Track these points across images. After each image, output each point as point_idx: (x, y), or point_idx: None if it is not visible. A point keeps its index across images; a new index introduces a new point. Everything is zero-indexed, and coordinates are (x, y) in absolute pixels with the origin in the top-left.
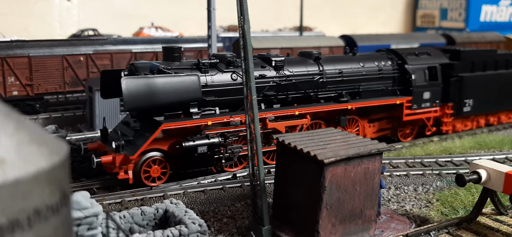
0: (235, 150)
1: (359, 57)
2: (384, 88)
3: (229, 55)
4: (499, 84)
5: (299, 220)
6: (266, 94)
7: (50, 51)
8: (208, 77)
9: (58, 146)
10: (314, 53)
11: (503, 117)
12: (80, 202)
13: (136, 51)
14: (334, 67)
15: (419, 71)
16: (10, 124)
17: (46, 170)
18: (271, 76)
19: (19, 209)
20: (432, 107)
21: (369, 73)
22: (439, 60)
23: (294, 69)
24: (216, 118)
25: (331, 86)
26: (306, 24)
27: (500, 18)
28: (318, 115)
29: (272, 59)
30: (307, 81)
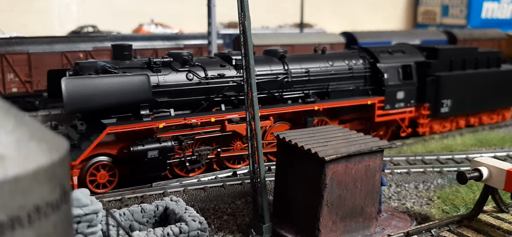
0: (203, 153)
1: (328, 55)
2: (355, 88)
3: (185, 54)
4: (480, 84)
5: (299, 217)
6: (226, 95)
7: (50, 48)
8: (160, 77)
9: (58, 143)
10: (279, 51)
11: (485, 118)
12: (80, 199)
13: (136, 47)
14: (301, 66)
15: (392, 70)
16: (9, 121)
17: (46, 167)
18: (231, 76)
19: (19, 206)
20: (406, 107)
21: (338, 72)
22: (414, 58)
23: (256, 68)
24: (170, 120)
25: (297, 86)
26: (307, 21)
27: (502, 15)
28: (284, 116)
29: (232, 57)
30: (270, 81)
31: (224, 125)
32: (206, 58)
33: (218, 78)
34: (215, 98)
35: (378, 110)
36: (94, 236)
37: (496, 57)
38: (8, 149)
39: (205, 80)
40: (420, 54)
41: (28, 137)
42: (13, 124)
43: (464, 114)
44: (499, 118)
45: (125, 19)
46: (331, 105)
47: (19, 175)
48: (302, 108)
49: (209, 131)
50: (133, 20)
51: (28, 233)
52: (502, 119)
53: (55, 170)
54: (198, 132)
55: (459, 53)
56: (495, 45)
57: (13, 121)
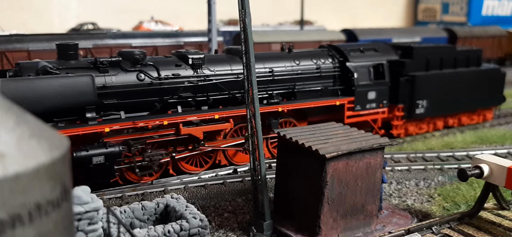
0: (155, 158)
1: (295, 54)
2: (323, 88)
3: (137, 53)
4: (459, 84)
5: (300, 214)
6: (181, 96)
7: (50, 45)
8: (107, 78)
9: (59, 140)
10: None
11: (465, 118)
12: (80, 197)
13: (136, 45)
14: (264, 66)
15: (362, 69)
16: (10, 119)
17: (46, 165)
18: (186, 76)
19: (20, 204)
20: (378, 108)
21: (305, 72)
22: (387, 57)
23: (216, 68)
24: (116, 124)
25: (260, 86)
26: (307, 18)
27: (502, 12)
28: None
29: (188, 56)
30: (231, 81)
31: (178, 128)
32: (160, 58)
33: (173, 78)
34: (170, 99)
35: (348, 111)
36: (95, 233)
37: (476, 56)
38: (9, 147)
39: (158, 80)
40: (394, 53)
41: (29, 134)
42: (14, 122)
43: (442, 115)
44: (480, 119)
45: (125, 16)
46: (297, 106)
47: (20, 173)
48: (265, 110)
49: (163, 135)
50: (133, 18)
51: (29, 231)
52: (483, 120)
53: (56, 168)
54: (149, 136)
55: (436, 52)
56: (495, 43)
57: (14, 118)
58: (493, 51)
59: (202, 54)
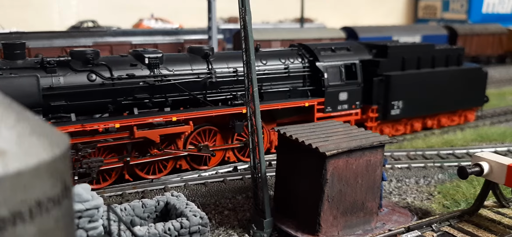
0: (93, 165)
1: (262, 54)
2: (292, 89)
3: (88, 52)
4: (438, 84)
5: (300, 212)
6: (136, 97)
7: (49, 43)
8: (55, 78)
9: (59, 138)
10: (204, 49)
11: (444, 119)
12: (81, 194)
13: (136, 42)
14: (228, 66)
15: (333, 69)
16: (11, 116)
17: (47, 162)
18: (142, 76)
19: (21, 201)
20: (351, 109)
21: (273, 72)
22: (359, 56)
23: (175, 67)
24: (62, 127)
25: (223, 87)
26: (307, 16)
27: (503, 9)
28: (210, 120)
29: (145, 56)
30: (191, 82)
31: (132, 131)
32: (115, 57)
33: (127, 78)
34: (124, 101)
35: (318, 113)
36: (95, 231)
37: (456, 54)
38: (10, 144)
39: (110, 81)
40: (367, 52)
41: (29, 132)
42: (14, 119)
43: (420, 116)
44: (461, 120)
45: (125, 14)
46: (263, 107)
47: (21, 170)
48: (227, 111)
49: (117, 138)
50: (133, 15)
51: (30, 228)
52: (464, 121)
53: (57, 165)
54: (99, 140)
55: (413, 51)
56: (496, 40)
57: (14, 116)
58: (494, 49)
59: (160, 53)
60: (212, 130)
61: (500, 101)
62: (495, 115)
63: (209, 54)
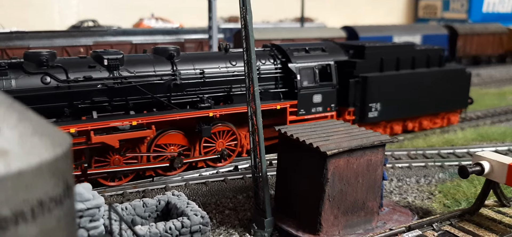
0: None
1: (231, 55)
2: (264, 91)
3: (43, 53)
4: (419, 85)
5: (301, 211)
6: (94, 100)
7: (50, 43)
8: (6, 81)
9: (61, 137)
10: (170, 49)
11: (426, 122)
12: (82, 194)
13: (136, 42)
14: (194, 67)
15: (306, 70)
16: (13, 116)
17: (49, 162)
18: (100, 78)
19: (23, 201)
20: (326, 112)
21: (242, 73)
22: (334, 57)
23: (136, 69)
24: None
25: (189, 89)
26: (308, 15)
27: (503, 9)
28: (175, 124)
29: (104, 57)
30: (154, 84)
31: (89, 136)
32: (72, 58)
33: (84, 81)
34: (81, 104)
35: (291, 116)
36: (96, 230)
37: (437, 55)
38: (11, 143)
39: (66, 83)
40: (343, 53)
41: (31, 131)
42: (16, 119)
43: (400, 119)
44: (444, 123)
45: (126, 13)
46: (230, 110)
47: (23, 170)
48: (192, 115)
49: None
50: (133, 15)
51: (32, 228)
52: (447, 123)
53: (58, 164)
54: None
55: (391, 52)
56: (496, 40)
57: (16, 116)
58: (494, 48)
59: (121, 54)
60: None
61: (500, 101)
62: (495, 115)
63: (174, 55)
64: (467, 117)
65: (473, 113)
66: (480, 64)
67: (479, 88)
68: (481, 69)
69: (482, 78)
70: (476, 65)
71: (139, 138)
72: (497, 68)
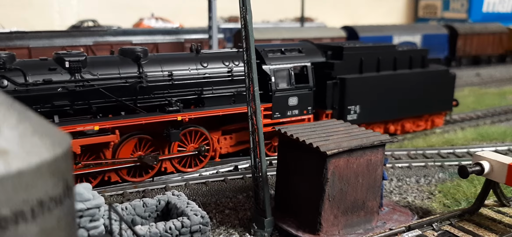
0: None
1: (203, 56)
2: (237, 94)
3: (2, 56)
4: (400, 87)
5: (301, 211)
6: (55, 104)
7: (50, 42)
8: None
9: (61, 137)
10: (137, 50)
11: (409, 125)
12: (82, 194)
13: (137, 42)
14: (162, 69)
15: (281, 72)
16: (13, 116)
17: (49, 162)
18: (61, 81)
19: (23, 201)
20: (302, 114)
21: (214, 75)
22: (311, 58)
23: (100, 71)
24: None
25: (157, 92)
26: (308, 15)
27: (503, 8)
28: (142, 128)
29: (65, 59)
30: (118, 87)
31: None
32: (32, 61)
33: (43, 84)
34: (41, 109)
35: (265, 119)
36: (96, 230)
37: (420, 56)
38: (12, 143)
39: (24, 87)
40: (321, 54)
41: (31, 131)
42: (16, 119)
43: (381, 122)
44: (428, 125)
45: (126, 13)
46: (200, 114)
47: (23, 170)
48: (159, 119)
49: None
50: (133, 14)
51: (32, 227)
52: (431, 126)
53: (58, 164)
54: None
55: (371, 53)
56: (496, 39)
57: (16, 116)
58: (494, 48)
59: (83, 56)
60: (144, 140)
61: (500, 101)
62: (495, 114)
63: (141, 56)
64: (451, 119)
65: (473, 113)
66: (480, 63)
67: (479, 87)
68: (481, 69)
69: (482, 77)
70: (476, 64)
71: (103, 144)
72: (497, 67)
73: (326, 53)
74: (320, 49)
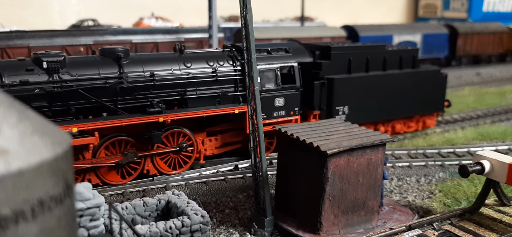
0: None
1: (186, 56)
2: (222, 94)
3: None
4: (390, 87)
5: (301, 211)
6: (32, 106)
7: (50, 42)
8: None
9: (61, 137)
10: (117, 50)
11: (399, 126)
12: (82, 193)
13: (137, 41)
14: (144, 69)
15: (267, 72)
16: (13, 115)
17: (49, 161)
18: (38, 82)
19: (23, 200)
20: (289, 116)
21: (198, 75)
22: (298, 58)
23: (79, 72)
24: None
25: (138, 93)
26: (308, 14)
27: (503, 8)
28: (123, 130)
29: (43, 59)
30: (98, 88)
31: None
32: (9, 61)
33: (20, 85)
34: None
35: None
36: (96, 229)
37: (411, 56)
38: (12, 143)
39: (0, 88)
40: (308, 54)
41: (32, 131)
42: (16, 118)
43: (370, 122)
44: (419, 126)
45: (126, 12)
46: (183, 115)
47: (23, 169)
48: (140, 120)
49: None
50: (133, 14)
51: (32, 227)
52: (423, 127)
53: (59, 164)
54: None
55: (360, 52)
56: (496, 39)
57: (16, 115)
58: (494, 47)
59: (62, 56)
60: (125, 141)
61: (501, 100)
62: (495, 114)
63: (121, 56)
64: (443, 120)
65: (473, 113)
66: (481, 63)
67: (480, 87)
68: (482, 68)
69: (483, 77)
70: (477, 64)
71: (83, 146)
72: (497, 67)
73: (314, 53)
74: (308, 49)
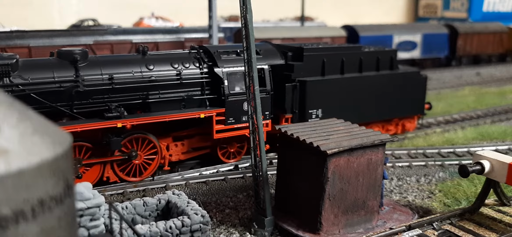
0: None
1: (149, 58)
2: (187, 98)
3: None
4: (367, 90)
5: (301, 210)
6: None
7: (50, 42)
8: None
9: (61, 136)
10: (74, 52)
11: (377, 129)
12: (82, 193)
13: (137, 41)
14: (102, 72)
15: (235, 75)
16: (13, 115)
17: (49, 161)
18: None
19: (23, 200)
20: None
21: (161, 78)
22: (269, 61)
23: (32, 75)
24: None
25: (96, 97)
26: (308, 14)
27: (503, 8)
28: (80, 135)
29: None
30: (52, 92)
31: None
32: None
33: None
34: None
35: (218, 125)
36: (96, 229)
37: (388, 57)
38: (12, 143)
39: None
40: (280, 56)
41: (32, 131)
42: (17, 118)
43: None
44: (398, 130)
45: (126, 12)
46: (143, 120)
47: (23, 169)
48: (96, 126)
49: None
50: (133, 14)
51: (32, 227)
52: (402, 131)
53: (59, 164)
54: None
55: (335, 54)
56: (496, 39)
57: (17, 115)
58: (494, 47)
59: (14, 58)
60: (81, 146)
61: (501, 100)
62: (495, 114)
63: (78, 59)
64: (425, 123)
65: (473, 113)
66: (481, 63)
67: (480, 87)
68: (482, 68)
69: (483, 77)
70: (477, 64)
71: None
72: (497, 67)
73: (286, 55)
74: (280, 50)
